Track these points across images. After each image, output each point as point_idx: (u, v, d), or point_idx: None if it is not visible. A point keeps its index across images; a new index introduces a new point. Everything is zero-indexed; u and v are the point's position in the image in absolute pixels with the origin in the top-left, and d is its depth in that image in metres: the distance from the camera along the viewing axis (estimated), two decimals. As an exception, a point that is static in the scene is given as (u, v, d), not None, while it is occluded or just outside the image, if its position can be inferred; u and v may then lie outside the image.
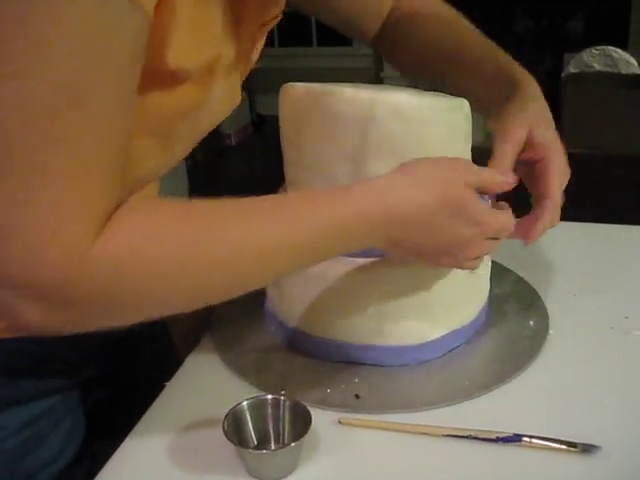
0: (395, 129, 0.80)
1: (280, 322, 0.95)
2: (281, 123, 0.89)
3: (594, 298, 1.02)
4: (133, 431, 0.81)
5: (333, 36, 4.86)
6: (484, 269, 0.94)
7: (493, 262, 1.04)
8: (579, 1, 4.35)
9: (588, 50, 4.07)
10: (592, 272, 1.10)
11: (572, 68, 4.11)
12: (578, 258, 1.14)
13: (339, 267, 0.86)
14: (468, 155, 0.88)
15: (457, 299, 0.90)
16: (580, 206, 1.18)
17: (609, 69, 4.03)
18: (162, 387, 0.88)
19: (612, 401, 0.82)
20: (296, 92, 0.84)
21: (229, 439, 0.72)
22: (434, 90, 0.87)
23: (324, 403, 0.83)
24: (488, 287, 0.97)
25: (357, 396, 0.84)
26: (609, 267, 1.11)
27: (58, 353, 0.82)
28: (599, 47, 4.04)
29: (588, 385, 0.85)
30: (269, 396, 0.77)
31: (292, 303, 0.92)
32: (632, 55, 4.00)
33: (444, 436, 0.77)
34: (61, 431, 0.84)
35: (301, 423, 0.73)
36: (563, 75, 4.11)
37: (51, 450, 0.82)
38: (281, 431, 0.76)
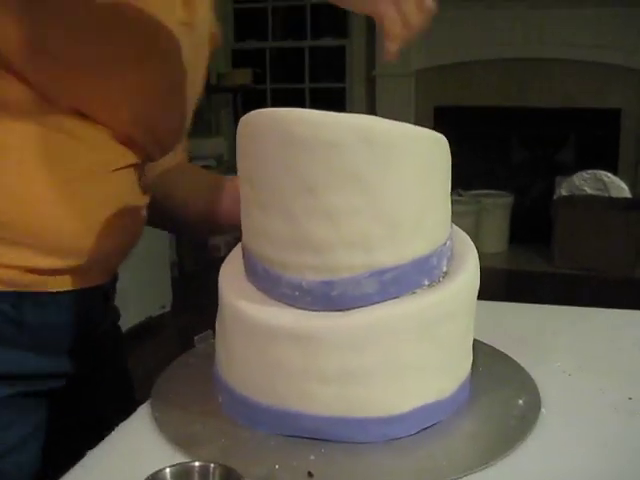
0: (362, 156, 0.70)
1: (227, 388, 0.81)
2: (237, 157, 0.79)
3: (593, 379, 0.90)
4: None
5: (325, 72, 4.88)
6: (463, 338, 0.81)
7: (479, 342, 0.93)
8: (571, 128, 4.41)
9: (579, 174, 4.08)
10: (589, 353, 0.97)
11: (564, 191, 4.11)
12: (573, 340, 1.02)
13: (290, 319, 0.74)
14: (447, 198, 0.78)
15: (431, 366, 0.76)
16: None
17: (600, 192, 4.03)
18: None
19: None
20: (253, 118, 0.75)
21: (141, 511, 0.57)
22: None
23: (269, 480, 0.69)
24: (470, 359, 0.84)
25: (310, 474, 0.70)
26: (608, 349, 0.99)
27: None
28: (590, 171, 4.06)
29: (589, 469, 0.71)
30: (197, 463, 0.63)
31: (238, 365, 0.79)
32: (622, 179, 4.01)
33: (412, 522, 0.62)
34: (17, 432, 0.84)
35: (233, 494, 0.59)
36: (555, 197, 4.10)
37: (1, 446, 0.82)
38: (209, 506, 0.61)
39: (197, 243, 3.92)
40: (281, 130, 0.71)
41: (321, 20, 4.88)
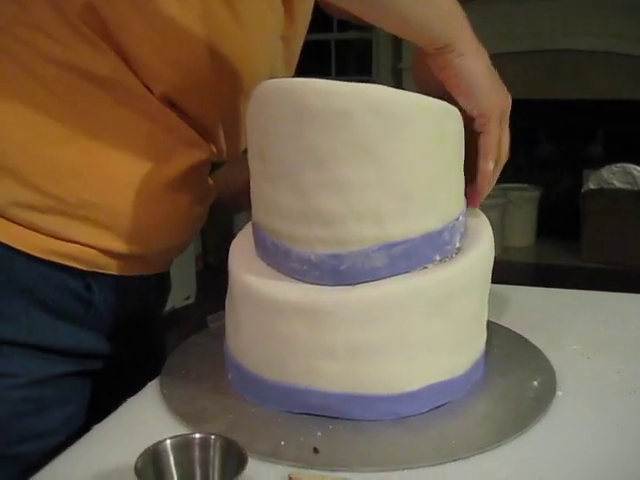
0: (372, 127, 0.68)
1: (236, 365, 0.80)
2: (247, 130, 0.78)
3: (610, 362, 0.87)
4: (41, 471, 0.67)
5: (352, 66, 4.84)
6: (476, 315, 0.79)
7: (495, 324, 0.91)
8: (599, 120, 4.34)
9: (608, 167, 4.01)
10: (608, 337, 0.95)
11: (592, 184, 4.04)
12: (591, 324, 1.00)
13: (298, 293, 0.73)
14: (460, 172, 0.76)
15: (443, 344, 0.75)
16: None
17: (629, 186, 3.95)
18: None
19: (631, 472, 0.65)
20: (263, 89, 0.74)
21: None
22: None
23: (274, 456, 0.68)
24: (483, 338, 0.82)
25: (316, 450, 0.69)
26: (626, 333, 0.97)
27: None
28: (619, 164, 3.99)
29: (603, 452, 0.69)
30: (197, 435, 0.62)
31: (247, 341, 0.78)
32: (653, 173, 3.93)
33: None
34: (62, 412, 0.85)
35: (234, 465, 0.58)
36: (583, 191, 4.04)
37: (47, 424, 0.83)
38: (211, 476, 0.60)
39: (222, 235, 3.92)
40: (291, 100, 0.70)
41: (347, 13, 4.87)
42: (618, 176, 4.00)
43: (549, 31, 4.09)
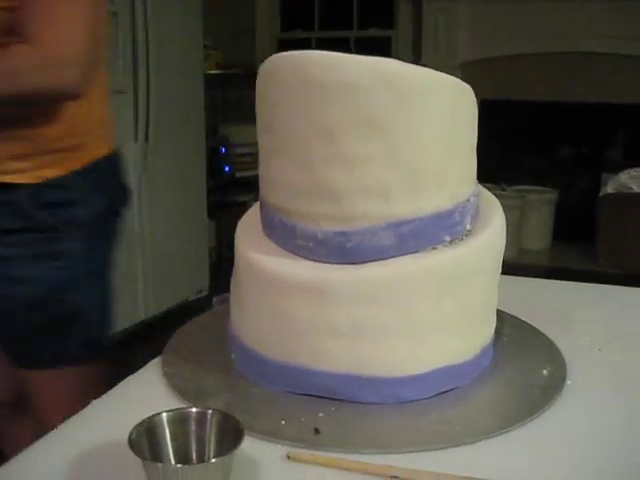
0: (382, 100, 0.67)
1: (239, 344, 0.79)
2: (257, 105, 0.76)
3: (621, 354, 0.85)
4: (40, 440, 0.67)
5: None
6: (485, 299, 0.77)
7: (505, 313, 0.89)
8: (619, 124, 4.30)
9: (627, 171, 3.96)
10: (619, 329, 0.93)
11: (610, 188, 3.99)
12: (603, 316, 0.97)
13: (302, 270, 0.71)
14: (472, 153, 0.75)
15: (449, 327, 0.73)
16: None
17: (648, 191, 3.90)
18: None
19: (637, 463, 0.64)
20: (271, 63, 0.72)
21: (134, 452, 0.55)
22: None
23: (274, 435, 0.66)
24: (492, 325, 0.81)
25: (317, 430, 0.67)
26: (638, 325, 0.94)
27: None
28: (638, 168, 3.94)
29: (607, 442, 0.67)
30: (193, 409, 0.61)
31: (251, 319, 0.76)
32: (673, 178, 3.88)
33: (419, 481, 0.59)
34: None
35: (230, 440, 0.56)
36: (600, 195, 3.99)
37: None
38: (206, 451, 0.58)
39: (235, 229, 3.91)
40: (299, 73, 0.69)
41: (368, 10, 4.84)
42: (637, 181, 3.95)
43: (572, 33, 4.05)
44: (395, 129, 0.67)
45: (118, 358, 1.16)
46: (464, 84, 0.71)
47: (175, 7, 2.79)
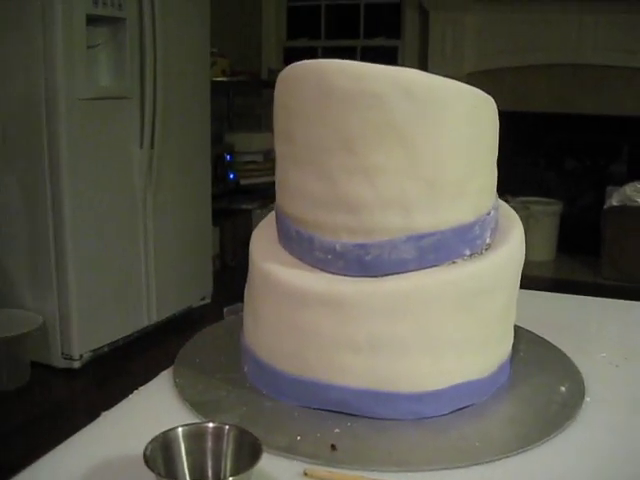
0: (404, 111, 0.66)
1: (253, 357, 0.77)
2: (274, 114, 0.75)
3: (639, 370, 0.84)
4: (50, 453, 0.65)
5: None
6: (504, 315, 0.76)
7: (522, 329, 0.88)
8: (624, 137, 4.29)
9: (632, 184, 3.95)
10: (636, 345, 0.92)
11: (614, 201, 3.98)
12: (619, 332, 0.96)
13: (321, 283, 0.70)
14: (493, 165, 0.73)
15: (468, 342, 0.72)
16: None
17: (653, 204, 3.89)
18: None
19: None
20: (291, 71, 0.71)
21: (150, 467, 0.53)
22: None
23: (290, 451, 0.65)
24: (510, 340, 0.79)
25: (334, 447, 0.66)
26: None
27: None
28: (643, 182, 3.93)
29: (631, 460, 0.66)
30: (210, 424, 0.59)
31: (267, 332, 0.75)
32: (678, 191, 3.87)
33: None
34: None
35: (247, 457, 0.55)
36: (605, 207, 3.98)
37: None
38: (223, 468, 0.57)
39: (239, 236, 3.90)
40: (320, 81, 0.68)
41: (375, 20, 4.84)
42: (642, 193, 3.94)
43: (578, 45, 4.04)
44: (416, 139, 0.66)
45: (121, 365, 1.15)
46: (486, 95, 0.70)
47: (182, 14, 2.78)
